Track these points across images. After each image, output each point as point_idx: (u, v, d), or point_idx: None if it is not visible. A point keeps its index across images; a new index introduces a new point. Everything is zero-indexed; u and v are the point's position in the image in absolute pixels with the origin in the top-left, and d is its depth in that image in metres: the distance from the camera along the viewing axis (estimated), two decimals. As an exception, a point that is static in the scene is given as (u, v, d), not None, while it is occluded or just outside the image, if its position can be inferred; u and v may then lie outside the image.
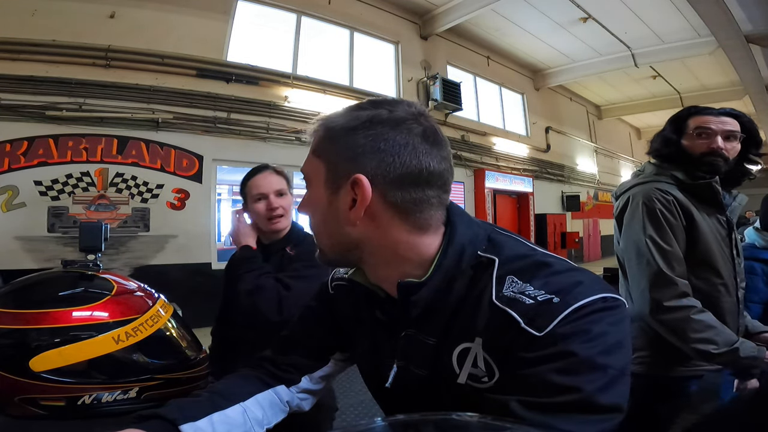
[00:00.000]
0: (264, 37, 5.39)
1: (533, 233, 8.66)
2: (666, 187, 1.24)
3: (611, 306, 0.49)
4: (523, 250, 0.56)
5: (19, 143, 3.80)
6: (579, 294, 0.48)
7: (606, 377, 0.46)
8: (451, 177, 0.57)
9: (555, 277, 0.51)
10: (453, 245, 0.56)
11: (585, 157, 11.07)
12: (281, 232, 1.44)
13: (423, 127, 0.54)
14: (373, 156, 0.53)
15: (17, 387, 0.72)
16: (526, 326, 0.48)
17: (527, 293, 0.50)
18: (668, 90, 10.17)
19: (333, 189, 0.56)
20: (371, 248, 0.57)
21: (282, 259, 1.42)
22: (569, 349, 0.46)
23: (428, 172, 0.53)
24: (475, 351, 0.53)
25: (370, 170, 0.53)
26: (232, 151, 4.82)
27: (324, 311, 0.76)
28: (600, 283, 0.51)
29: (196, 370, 0.91)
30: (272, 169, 1.47)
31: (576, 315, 0.47)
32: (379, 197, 0.54)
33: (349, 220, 0.55)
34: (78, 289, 0.83)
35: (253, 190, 1.41)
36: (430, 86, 6.71)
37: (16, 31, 3.80)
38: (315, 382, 0.76)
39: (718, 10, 5.73)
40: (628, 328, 0.51)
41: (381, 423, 0.35)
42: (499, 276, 0.53)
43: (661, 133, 1.36)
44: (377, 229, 0.55)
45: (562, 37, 7.58)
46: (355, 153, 0.54)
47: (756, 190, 2.11)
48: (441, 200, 0.56)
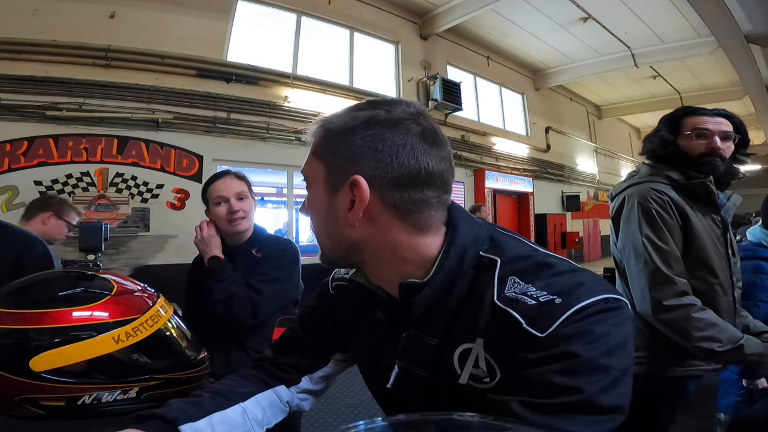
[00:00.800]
0: (264, 37, 5.39)
1: (533, 233, 8.65)
2: (661, 187, 1.24)
3: (613, 307, 0.49)
4: (525, 251, 0.56)
5: (19, 143, 3.80)
6: (581, 295, 0.48)
7: (608, 378, 0.46)
8: (451, 177, 0.57)
9: (557, 278, 0.51)
10: (455, 245, 0.56)
11: (585, 157, 11.07)
12: (243, 234, 1.48)
13: (422, 126, 0.54)
14: (370, 157, 0.53)
15: (17, 387, 0.71)
16: (527, 327, 0.48)
17: (529, 294, 0.50)
18: (668, 90, 10.17)
19: (332, 190, 0.56)
20: (371, 249, 0.57)
21: (249, 261, 1.45)
22: (571, 350, 0.46)
23: (427, 172, 0.53)
24: (476, 351, 0.53)
25: (368, 171, 0.53)
26: (232, 151, 4.82)
27: (324, 311, 0.76)
28: (602, 284, 0.51)
29: (196, 370, 0.91)
30: (233, 174, 1.51)
31: (578, 316, 0.47)
32: (378, 198, 0.53)
33: (348, 222, 0.55)
34: (78, 289, 0.83)
35: (213, 194, 1.45)
36: (430, 86, 6.71)
37: (16, 31, 3.79)
38: (315, 382, 0.76)
39: (718, 10, 5.73)
40: (630, 329, 0.51)
41: (382, 423, 0.35)
42: (501, 276, 0.53)
43: (656, 134, 1.35)
44: (377, 230, 0.55)
45: (562, 37, 7.58)
46: (353, 154, 0.54)
47: (756, 190, 2.11)
48: (441, 200, 0.56)
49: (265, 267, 1.43)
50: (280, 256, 1.48)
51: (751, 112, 10.01)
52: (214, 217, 1.46)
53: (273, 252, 1.48)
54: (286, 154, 5.22)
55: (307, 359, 0.75)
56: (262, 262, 1.46)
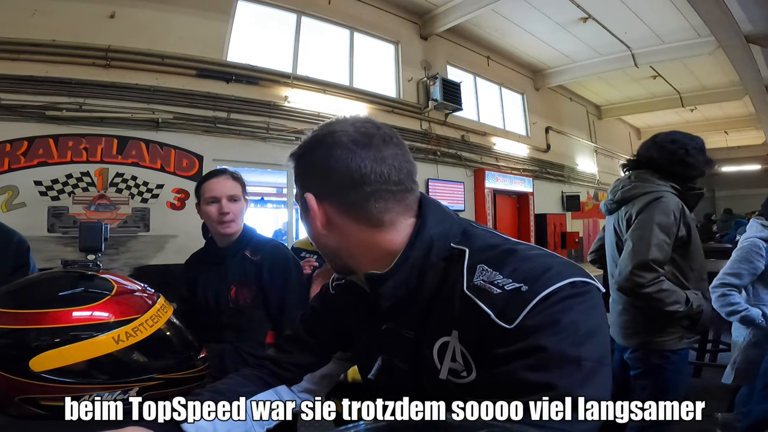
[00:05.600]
0: (264, 37, 5.39)
1: (533, 233, 8.65)
2: (677, 198, 1.57)
3: (581, 291, 0.49)
4: (495, 241, 0.57)
5: (19, 143, 3.80)
6: (547, 281, 0.48)
7: (581, 371, 0.45)
8: (396, 172, 0.58)
9: (523, 263, 0.51)
10: (420, 238, 0.57)
11: (585, 157, 11.06)
12: (232, 235, 1.48)
13: (349, 132, 0.58)
14: (311, 174, 0.61)
15: (17, 387, 0.72)
16: (496, 319, 0.48)
17: (496, 282, 0.50)
18: (668, 90, 10.16)
19: (304, 209, 0.63)
20: (346, 251, 0.62)
21: (246, 265, 1.45)
22: (538, 343, 0.45)
23: (359, 173, 0.56)
24: (453, 344, 0.53)
25: (313, 187, 0.60)
26: (232, 151, 4.81)
27: (325, 311, 0.77)
28: (570, 268, 0.51)
29: (196, 370, 0.91)
30: (229, 174, 1.52)
31: (544, 304, 0.47)
32: (330, 207, 0.59)
33: (319, 232, 0.61)
34: (78, 289, 0.83)
35: (206, 193, 1.45)
36: (430, 86, 6.70)
37: (16, 31, 3.78)
38: (316, 382, 0.76)
39: (718, 10, 5.73)
40: (601, 314, 0.50)
41: (382, 423, 0.35)
42: (470, 266, 0.54)
43: (687, 156, 1.61)
44: (342, 235, 0.60)
45: (562, 37, 7.57)
46: (302, 175, 0.63)
47: (757, 190, 2.14)
48: (393, 196, 0.58)
49: (293, 286, 1.48)
50: (286, 268, 1.49)
51: (751, 112, 10.02)
52: (204, 215, 1.46)
53: (275, 260, 1.48)
54: (286, 154, 5.10)
55: (309, 357, 0.76)
56: (263, 268, 1.45)
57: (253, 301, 1.44)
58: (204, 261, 1.55)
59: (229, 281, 1.45)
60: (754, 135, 12.28)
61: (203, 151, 4.65)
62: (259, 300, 1.45)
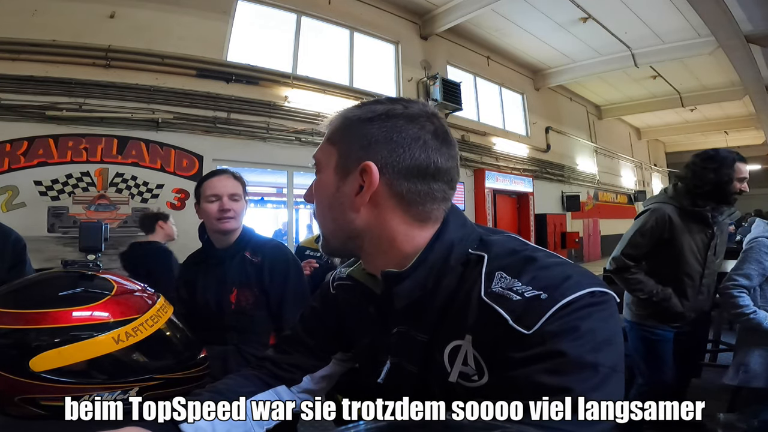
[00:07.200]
0: (264, 37, 5.39)
1: (533, 233, 8.65)
2: (669, 211, 1.91)
3: (600, 301, 0.49)
4: (513, 246, 0.57)
5: (19, 143, 3.80)
6: (567, 289, 0.48)
7: (597, 376, 0.45)
8: (457, 175, 0.59)
9: (543, 271, 0.51)
10: (441, 240, 0.57)
11: (585, 157, 11.06)
12: (231, 235, 1.47)
13: (435, 125, 0.57)
14: (385, 146, 0.56)
15: (17, 387, 0.72)
16: (514, 324, 0.48)
17: (515, 289, 0.50)
18: (668, 90, 10.17)
19: (342, 175, 0.58)
20: (371, 237, 0.59)
21: (246, 266, 1.44)
22: (558, 348, 0.46)
23: (435, 167, 0.56)
24: (465, 348, 0.53)
25: (381, 159, 0.56)
26: (232, 151, 4.81)
27: (326, 311, 0.76)
28: (588, 277, 0.51)
29: (196, 370, 0.91)
30: (231, 173, 1.51)
31: (564, 312, 0.47)
32: (386, 186, 0.56)
33: (353, 206, 0.57)
34: (78, 289, 0.83)
35: (207, 191, 1.44)
36: (430, 86, 6.70)
37: (16, 31, 3.79)
38: (316, 382, 0.76)
39: (718, 10, 5.73)
40: (617, 323, 0.50)
41: (382, 422, 0.35)
42: (488, 272, 0.53)
43: (703, 171, 1.87)
44: (379, 218, 0.57)
45: (562, 37, 7.58)
46: (368, 142, 0.56)
47: (756, 191, 2.16)
48: (445, 195, 0.58)
49: (291, 286, 1.47)
50: (285, 269, 1.48)
51: (751, 112, 10.02)
52: (204, 214, 1.45)
53: (275, 260, 1.47)
54: (286, 154, 5.21)
55: (309, 358, 0.75)
56: (264, 269, 1.44)
57: (254, 303, 1.43)
58: (202, 263, 1.53)
59: (229, 283, 1.44)
60: (754, 135, 12.29)
61: (203, 151, 4.65)
62: (261, 301, 1.44)
